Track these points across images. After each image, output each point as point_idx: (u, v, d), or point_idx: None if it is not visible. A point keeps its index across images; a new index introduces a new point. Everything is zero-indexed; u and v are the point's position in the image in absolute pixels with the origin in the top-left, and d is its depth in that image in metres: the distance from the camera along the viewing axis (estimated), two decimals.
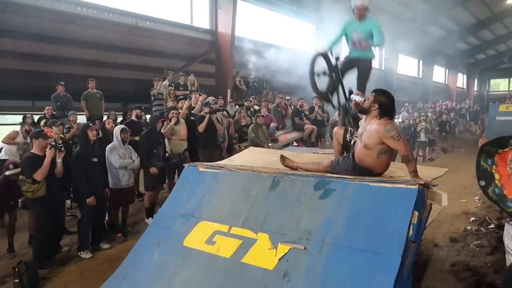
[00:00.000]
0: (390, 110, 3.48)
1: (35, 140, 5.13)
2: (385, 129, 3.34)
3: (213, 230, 3.46)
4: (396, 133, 3.33)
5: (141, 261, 3.58)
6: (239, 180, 3.79)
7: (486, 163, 1.30)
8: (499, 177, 1.34)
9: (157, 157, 6.54)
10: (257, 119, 9.17)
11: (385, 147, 3.41)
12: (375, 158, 3.46)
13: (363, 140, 3.53)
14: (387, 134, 3.33)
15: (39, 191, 4.96)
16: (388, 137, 3.34)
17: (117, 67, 11.82)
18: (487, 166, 1.33)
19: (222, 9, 13.26)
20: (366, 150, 3.49)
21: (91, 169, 5.46)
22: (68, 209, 6.77)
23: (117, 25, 10.75)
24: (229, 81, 13.26)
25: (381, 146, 3.41)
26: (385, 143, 3.38)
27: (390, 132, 3.33)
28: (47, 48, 10.12)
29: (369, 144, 3.46)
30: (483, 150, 1.36)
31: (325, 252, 2.87)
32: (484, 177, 1.28)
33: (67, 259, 5.40)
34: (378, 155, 3.45)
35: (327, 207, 3.13)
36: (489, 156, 1.48)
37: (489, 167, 1.34)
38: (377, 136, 3.39)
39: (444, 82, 31.14)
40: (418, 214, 2.79)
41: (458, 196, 8.33)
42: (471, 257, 5.16)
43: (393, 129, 3.35)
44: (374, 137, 3.41)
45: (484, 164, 1.30)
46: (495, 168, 1.35)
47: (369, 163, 3.52)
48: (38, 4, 9.13)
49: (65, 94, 9.01)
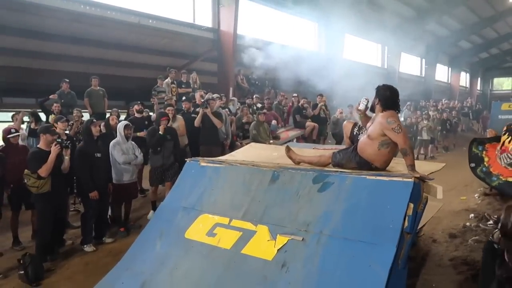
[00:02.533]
0: (391, 103, 3.59)
1: (43, 135, 5.16)
2: (387, 121, 3.46)
3: (214, 222, 3.54)
4: (397, 126, 3.43)
5: (144, 253, 3.66)
6: (239, 174, 3.86)
7: (477, 149, 1.44)
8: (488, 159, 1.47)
9: (161, 154, 6.63)
10: (259, 116, 9.24)
11: (386, 139, 3.51)
12: (376, 149, 3.55)
13: (367, 131, 3.66)
14: (388, 126, 3.44)
15: (44, 186, 4.98)
16: (389, 129, 3.44)
17: (120, 65, 11.89)
18: (478, 152, 1.48)
19: (225, 7, 13.32)
20: (369, 140, 3.60)
21: (94, 164, 5.55)
22: (72, 204, 6.87)
23: (120, 23, 10.83)
24: (231, 79, 13.33)
25: (383, 138, 3.52)
26: (387, 134, 3.48)
27: (392, 124, 3.43)
28: (51, 46, 10.19)
29: (371, 134, 3.58)
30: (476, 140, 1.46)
31: (323, 243, 2.94)
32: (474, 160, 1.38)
33: (70, 253, 5.51)
34: (379, 147, 3.55)
35: (325, 199, 3.20)
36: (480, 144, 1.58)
37: (479, 152, 1.49)
38: (380, 128, 3.51)
39: (447, 81, 31.10)
40: (414, 206, 2.85)
41: (459, 193, 8.36)
42: (469, 252, 5.20)
43: (395, 122, 3.46)
44: (377, 128, 3.53)
45: (476, 150, 1.43)
46: (485, 153, 1.49)
47: (369, 154, 3.60)
48: (42, 3, 9.22)
49: (69, 91, 9.12)
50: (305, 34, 17.40)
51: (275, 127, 10.16)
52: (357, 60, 19.31)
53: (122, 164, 6.06)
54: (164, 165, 6.69)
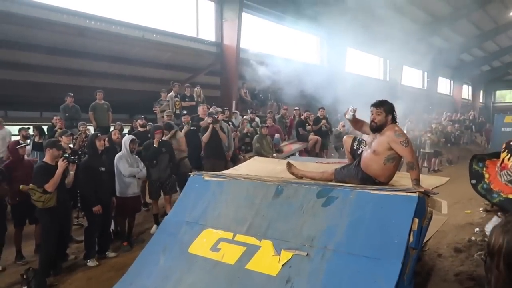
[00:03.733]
0: (395, 116, 3.61)
1: (49, 149, 5.13)
2: (395, 134, 3.46)
3: (218, 237, 3.53)
4: (405, 139, 3.44)
5: (147, 267, 3.66)
6: (243, 188, 3.87)
7: (478, 166, 1.47)
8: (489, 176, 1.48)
9: (157, 168, 6.68)
10: (262, 129, 9.27)
11: (393, 153, 3.50)
12: (382, 164, 3.54)
13: (372, 147, 3.62)
14: (396, 139, 3.43)
15: (50, 201, 4.94)
16: (397, 142, 3.43)
17: (124, 79, 12.01)
18: (478, 168, 1.51)
19: (228, 22, 13.47)
20: (374, 155, 3.58)
21: (98, 178, 5.56)
22: (75, 218, 6.86)
23: (124, 38, 10.96)
24: (234, 92, 13.41)
25: (389, 152, 3.51)
26: (393, 148, 3.47)
27: (400, 138, 3.43)
28: (56, 60, 10.32)
29: (377, 149, 3.56)
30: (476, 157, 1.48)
31: (327, 258, 2.92)
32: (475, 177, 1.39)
33: (74, 267, 5.48)
34: (385, 162, 3.53)
35: (329, 214, 3.20)
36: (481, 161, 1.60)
37: (480, 169, 1.51)
38: (387, 141, 3.49)
39: (449, 93, 31.14)
40: (419, 221, 2.84)
41: (463, 207, 8.30)
42: (475, 267, 5.14)
43: (403, 135, 3.47)
44: (384, 142, 3.51)
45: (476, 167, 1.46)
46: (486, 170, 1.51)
47: (374, 169, 3.59)
48: (48, 18, 9.36)
49: (73, 105, 9.20)
50: (308, 48, 17.54)
51: (278, 140, 10.19)
52: (360, 73, 19.40)
53: (127, 177, 6.08)
54: (160, 178, 6.74)
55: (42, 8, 9.25)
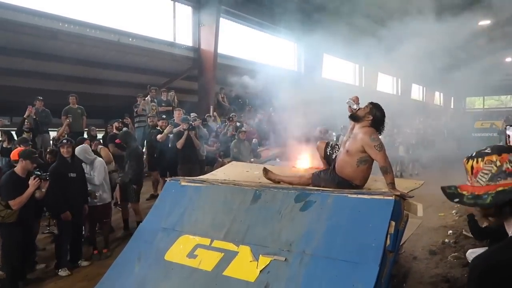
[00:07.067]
0: (380, 125, 3.64)
1: (23, 160, 4.77)
2: (370, 138, 3.48)
3: (195, 243, 3.47)
4: (379, 144, 3.46)
5: (121, 276, 3.55)
6: (221, 194, 3.82)
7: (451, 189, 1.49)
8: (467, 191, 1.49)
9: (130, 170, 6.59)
10: (240, 134, 9.24)
11: (365, 156, 3.52)
12: (355, 166, 3.57)
13: (346, 146, 3.64)
14: (370, 143, 3.46)
15: (10, 217, 4.59)
16: (371, 146, 3.45)
17: (99, 83, 11.75)
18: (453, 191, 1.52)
19: (205, 27, 13.42)
20: (347, 156, 3.59)
21: (68, 185, 5.33)
22: (46, 226, 6.61)
23: (100, 41, 10.74)
24: (211, 97, 13.35)
25: (362, 155, 3.53)
26: (367, 151, 3.49)
27: (374, 142, 3.46)
28: (27, 63, 10.01)
29: (351, 150, 3.57)
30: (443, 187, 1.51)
31: (306, 263, 2.91)
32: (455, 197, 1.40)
33: (44, 277, 5.27)
34: (358, 164, 3.56)
35: (307, 218, 3.19)
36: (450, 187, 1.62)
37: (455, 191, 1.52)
38: (361, 144, 3.51)
39: (422, 99, 32.02)
40: (395, 224, 2.87)
41: (437, 210, 8.49)
42: (449, 268, 5.26)
43: (377, 140, 3.49)
44: (358, 144, 3.53)
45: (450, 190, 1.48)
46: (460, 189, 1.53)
47: (348, 172, 3.61)
48: (19, 19, 9.07)
49: (43, 109, 8.89)
50: (285, 53, 17.69)
51: (256, 145, 10.17)
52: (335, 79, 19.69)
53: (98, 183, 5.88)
54: None
55: (10, 9, 8.94)
